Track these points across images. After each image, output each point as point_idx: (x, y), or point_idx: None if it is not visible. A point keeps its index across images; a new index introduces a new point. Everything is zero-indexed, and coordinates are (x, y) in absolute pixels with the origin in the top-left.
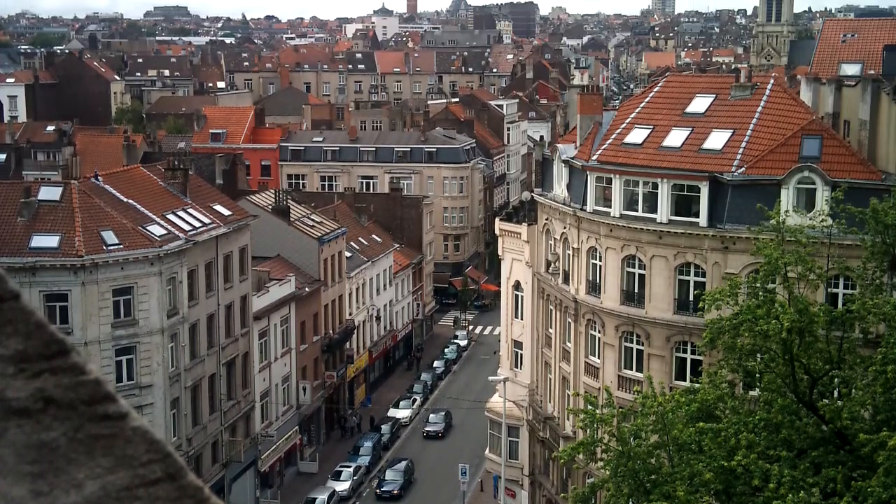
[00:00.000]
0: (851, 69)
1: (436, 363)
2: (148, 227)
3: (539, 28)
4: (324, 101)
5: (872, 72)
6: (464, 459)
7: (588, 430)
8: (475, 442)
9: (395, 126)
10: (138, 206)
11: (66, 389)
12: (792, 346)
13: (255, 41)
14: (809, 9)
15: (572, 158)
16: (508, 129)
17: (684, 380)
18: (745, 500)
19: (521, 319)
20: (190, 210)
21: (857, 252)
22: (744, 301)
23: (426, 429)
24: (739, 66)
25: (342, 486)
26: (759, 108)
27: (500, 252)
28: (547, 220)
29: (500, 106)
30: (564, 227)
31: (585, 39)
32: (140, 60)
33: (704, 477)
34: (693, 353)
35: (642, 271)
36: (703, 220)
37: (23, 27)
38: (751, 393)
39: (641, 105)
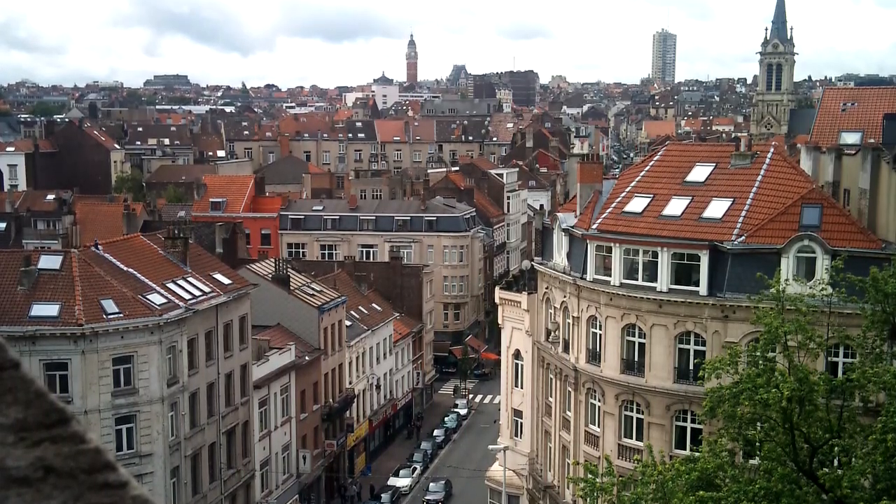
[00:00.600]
0: (851, 138)
1: (436, 432)
2: (148, 296)
3: (539, 97)
4: (324, 170)
5: (872, 140)
6: None
7: (588, 499)
8: None
9: (395, 195)
10: (138, 275)
11: (66, 458)
12: (792, 415)
13: (255, 110)
14: (809, 77)
15: (572, 227)
16: (508, 197)
17: (684, 448)
18: None
19: (521, 388)
20: (190, 279)
21: (857, 321)
22: (744, 370)
23: (426, 498)
24: (739, 134)
25: None
26: (759, 177)
27: (500, 321)
28: (547, 288)
29: (500, 174)
30: (564, 296)
31: (585, 108)
32: (140, 129)
33: None
34: (693, 421)
35: (642, 340)
36: (703, 288)
37: (23, 96)
38: (751, 461)
39: (641, 174)
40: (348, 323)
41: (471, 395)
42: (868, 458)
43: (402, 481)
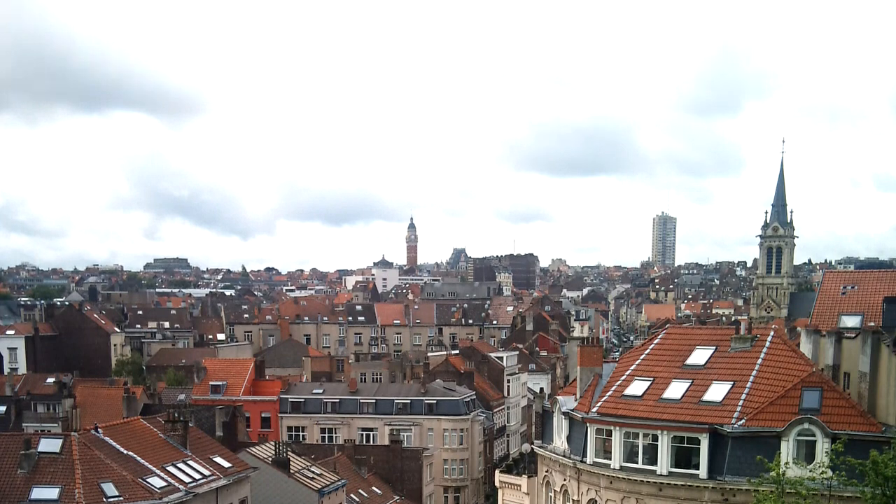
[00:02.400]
0: (851, 321)
1: None
2: (148, 479)
3: (539, 280)
4: (324, 353)
5: (872, 324)
6: None
7: None
8: None
9: (395, 378)
10: (138, 458)
11: None
12: None
13: (256, 293)
14: (809, 261)
15: (572, 410)
16: (508, 381)
17: None
18: None
19: None
20: (190, 462)
21: None
22: None
23: None
24: (739, 317)
25: None
26: (760, 360)
27: None
28: (547, 472)
29: (500, 358)
30: (564, 479)
31: (585, 291)
32: (140, 312)
33: None
34: None
35: None
36: (703, 471)
37: (23, 279)
38: None
39: (641, 357)
40: None
41: None
42: None
43: None
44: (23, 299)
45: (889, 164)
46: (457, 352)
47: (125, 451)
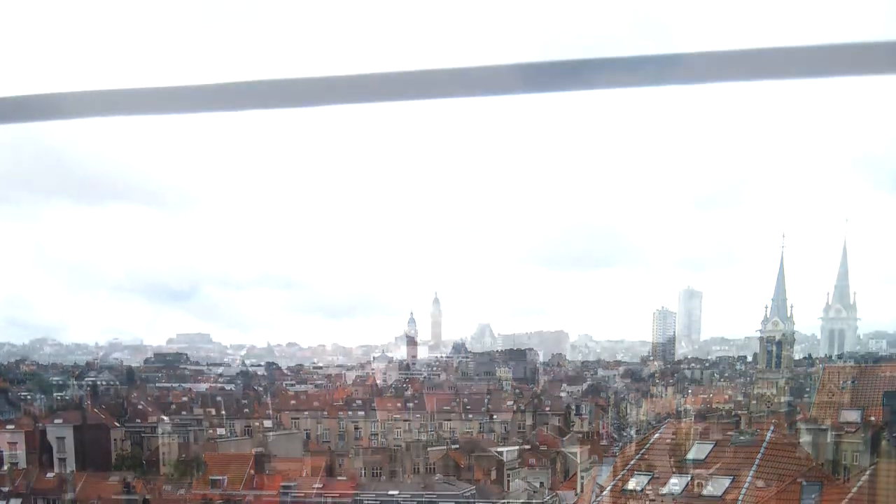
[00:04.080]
0: (851, 415)
1: None
2: None
3: (539, 374)
4: (324, 448)
5: (872, 418)
6: None
7: None
8: None
9: (395, 473)
10: None
11: None
12: None
13: (255, 387)
14: (809, 355)
15: None
16: (509, 475)
17: None
18: None
19: None
20: None
21: None
22: None
23: None
24: (739, 412)
25: None
26: (760, 455)
27: None
28: None
29: (501, 452)
30: None
31: (585, 386)
32: (140, 406)
33: None
34: None
35: None
36: None
37: (22, 374)
38: None
39: (641, 451)
40: None
41: None
42: None
43: None
44: (22, 393)
45: (887, 257)
46: (457, 446)
47: None
